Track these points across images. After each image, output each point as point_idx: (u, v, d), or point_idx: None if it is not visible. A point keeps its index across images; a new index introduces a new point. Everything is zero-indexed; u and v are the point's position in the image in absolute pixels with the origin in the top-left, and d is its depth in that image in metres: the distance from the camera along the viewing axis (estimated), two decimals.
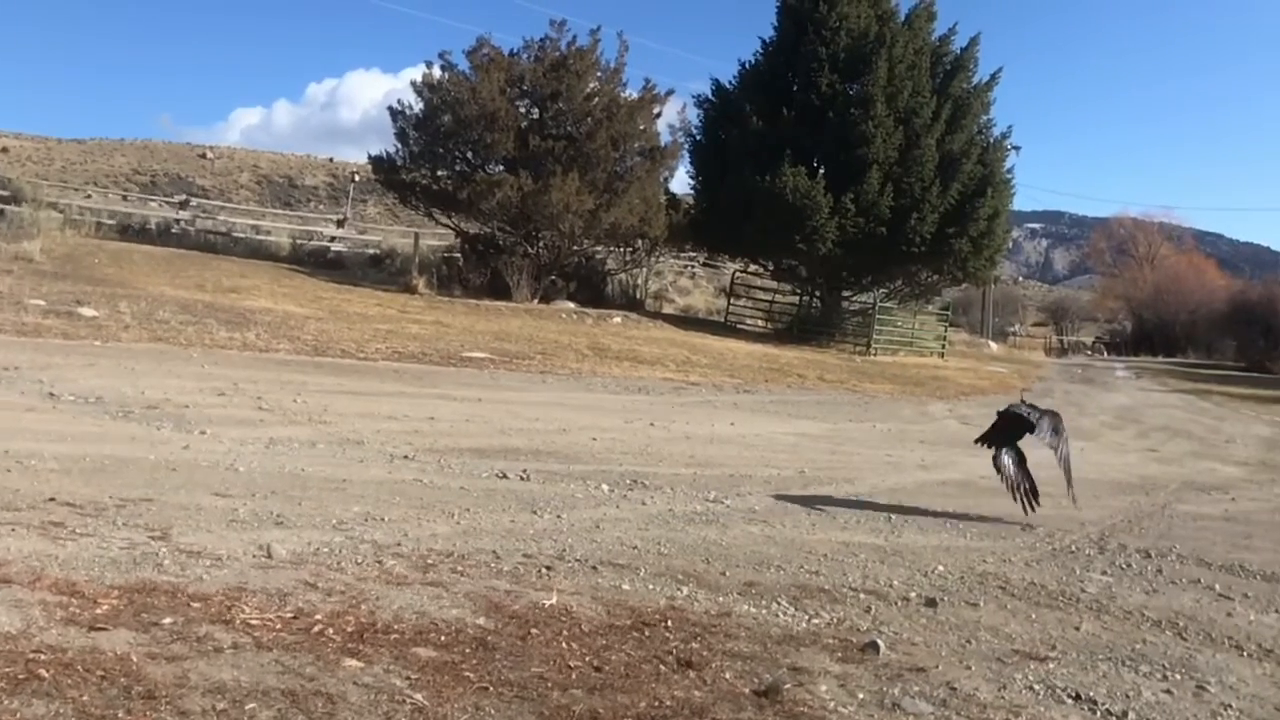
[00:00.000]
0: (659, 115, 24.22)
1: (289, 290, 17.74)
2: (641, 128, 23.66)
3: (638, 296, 26.50)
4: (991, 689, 3.32)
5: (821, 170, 24.20)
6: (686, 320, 25.41)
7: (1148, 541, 6.10)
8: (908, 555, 5.22)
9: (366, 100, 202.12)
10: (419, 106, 22.94)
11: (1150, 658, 3.84)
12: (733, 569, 4.61)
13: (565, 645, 3.31)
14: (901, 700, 3.13)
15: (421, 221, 27.89)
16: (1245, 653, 4.05)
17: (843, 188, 23.48)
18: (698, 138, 26.39)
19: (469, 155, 23.17)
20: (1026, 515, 6.24)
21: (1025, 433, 6.44)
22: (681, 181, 29.77)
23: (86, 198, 31.11)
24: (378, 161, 23.83)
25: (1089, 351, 53.38)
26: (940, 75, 25.78)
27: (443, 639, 3.24)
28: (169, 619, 3.12)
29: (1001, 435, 6.48)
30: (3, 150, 57.74)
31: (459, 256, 24.33)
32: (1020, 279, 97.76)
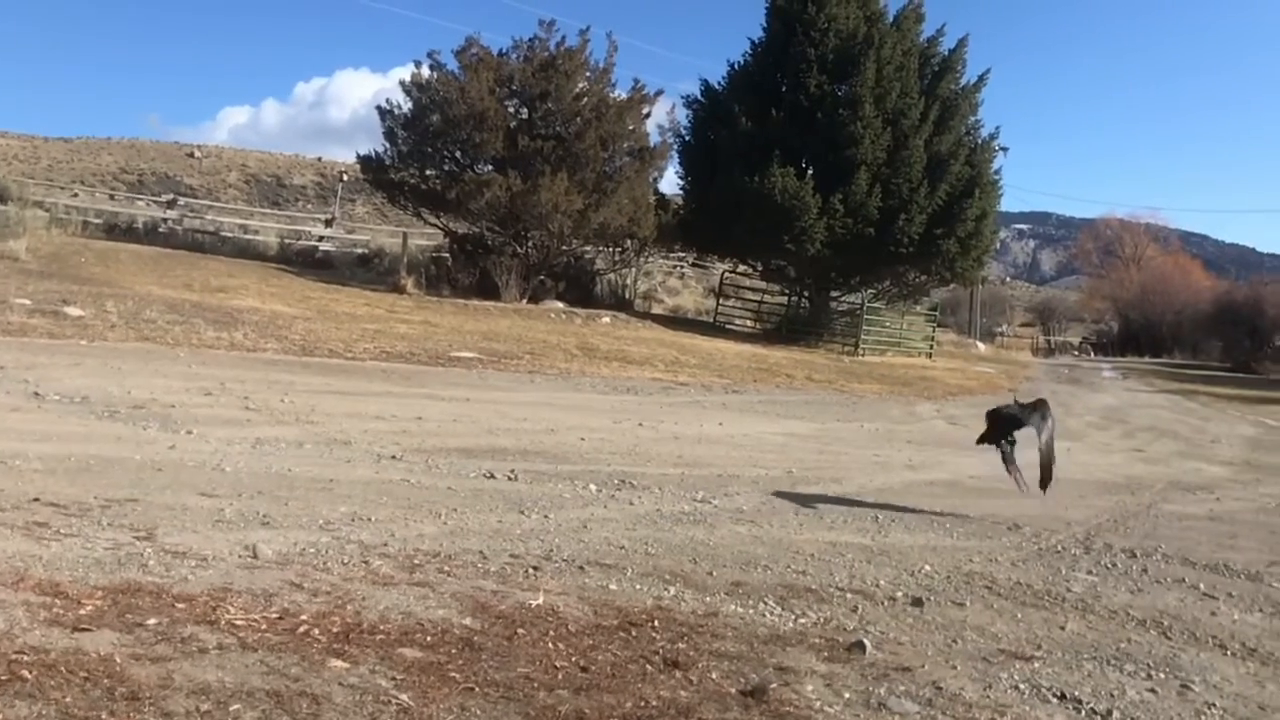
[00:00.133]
0: (648, 115, 24.23)
1: (277, 290, 17.68)
2: (630, 128, 23.64)
3: (627, 296, 26.49)
4: (977, 688, 3.34)
5: (810, 171, 24.24)
6: (675, 320, 25.43)
7: (1133, 541, 6.13)
8: (894, 555, 5.23)
9: (355, 100, 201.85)
10: (408, 106, 22.90)
11: (1135, 657, 3.86)
12: (720, 569, 4.62)
13: (552, 645, 3.32)
14: (887, 700, 3.14)
15: (410, 221, 27.80)
16: (1229, 652, 4.08)
17: (831, 188, 23.52)
18: (687, 138, 26.39)
19: (458, 155, 23.12)
20: (1023, 490, 6.46)
21: (1019, 428, 6.59)
22: (670, 182, 29.76)
23: (73, 196, 30.99)
24: (366, 161, 23.75)
25: (1076, 352, 53.64)
26: (928, 76, 25.84)
27: (429, 639, 3.24)
28: (153, 620, 3.11)
29: (1000, 433, 6.63)
30: None
31: (447, 256, 24.27)
32: (1008, 279, 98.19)
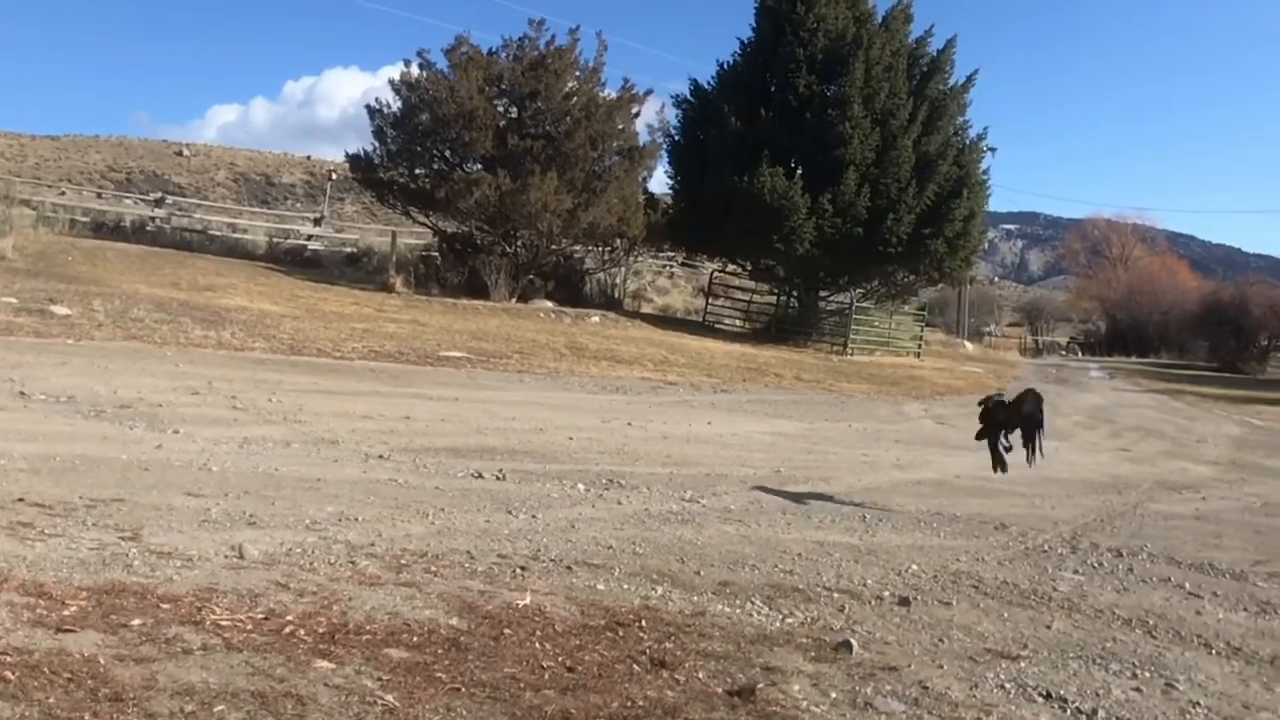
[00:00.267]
0: (638, 115, 24.28)
1: (265, 289, 17.61)
2: (620, 127, 23.66)
3: (616, 296, 26.47)
4: (963, 688, 3.35)
5: (799, 171, 24.26)
6: (664, 320, 25.43)
7: (1119, 540, 6.16)
8: (882, 554, 5.24)
9: (344, 98, 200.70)
10: (397, 105, 22.88)
11: (1120, 656, 3.88)
12: (708, 568, 4.62)
13: (538, 645, 3.31)
14: (874, 699, 3.15)
15: (399, 220, 27.74)
16: (1214, 650, 4.10)
17: (820, 188, 23.56)
18: (676, 138, 26.42)
19: (447, 154, 23.09)
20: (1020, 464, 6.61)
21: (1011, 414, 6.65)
22: (660, 181, 29.77)
23: (60, 195, 30.78)
24: (355, 160, 23.70)
25: (1064, 352, 53.81)
26: (917, 77, 25.90)
27: (415, 640, 3.23)
28: (138, 620, 3.09)
29: (997, 424, 6.68)
30: None
31: (437, 255, 24.23)
32: (996, 279, 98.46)
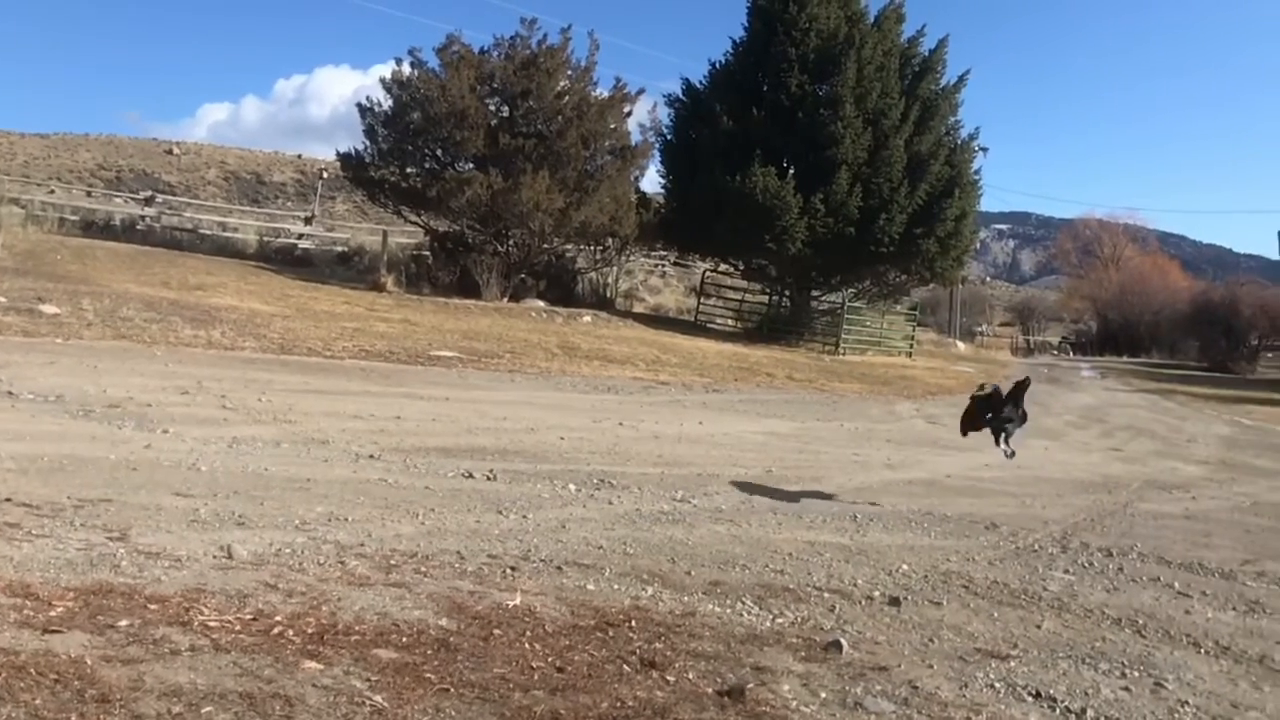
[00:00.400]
0: (630, 114, 24.23)
1: (255, 288, 17.55)
2: (612, 126, 23.63)
3: (608, 295, 26.46)
4: (953, 687, 3.35)
5: (791, 170, 24.31)
6: (656, 319, 25.42)
7: (1109, 540, 6.17)
8: (872, 554, 5.25)
9: (336, 97, 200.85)
10: (388, 103, 22.80)
11: (1110, 655, 3.89)
12: (698, 568, 4.62)
13: (528, 646, 3.30)
14: (864, 699, 3.15)
15: (390, 219, 27.66)
16: (1203, 650, 4.11)
17: (812, 188, 23.59)
18: (668, 137, 26.43)
19: (438, 153, 23.04)
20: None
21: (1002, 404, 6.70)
22: (652, 180, 29.79)
23: (49, 193, 30.60)
24: (346, 158, 23.63)
25: (1055, 351, 53.92)
26: (909, 77, 25.96)
27: (404, 640, 3.22)
28: (125, 621, 3.08)
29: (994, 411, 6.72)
30: None
31: (428, 254, 24.19)
32: (987, 279, 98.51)
